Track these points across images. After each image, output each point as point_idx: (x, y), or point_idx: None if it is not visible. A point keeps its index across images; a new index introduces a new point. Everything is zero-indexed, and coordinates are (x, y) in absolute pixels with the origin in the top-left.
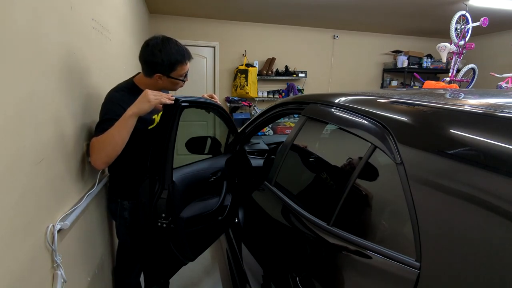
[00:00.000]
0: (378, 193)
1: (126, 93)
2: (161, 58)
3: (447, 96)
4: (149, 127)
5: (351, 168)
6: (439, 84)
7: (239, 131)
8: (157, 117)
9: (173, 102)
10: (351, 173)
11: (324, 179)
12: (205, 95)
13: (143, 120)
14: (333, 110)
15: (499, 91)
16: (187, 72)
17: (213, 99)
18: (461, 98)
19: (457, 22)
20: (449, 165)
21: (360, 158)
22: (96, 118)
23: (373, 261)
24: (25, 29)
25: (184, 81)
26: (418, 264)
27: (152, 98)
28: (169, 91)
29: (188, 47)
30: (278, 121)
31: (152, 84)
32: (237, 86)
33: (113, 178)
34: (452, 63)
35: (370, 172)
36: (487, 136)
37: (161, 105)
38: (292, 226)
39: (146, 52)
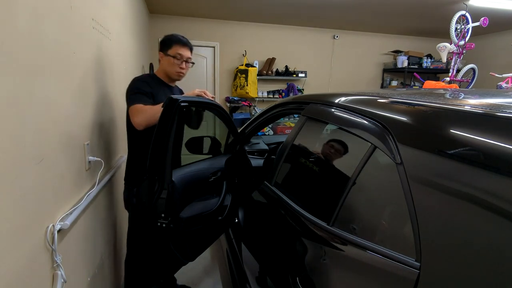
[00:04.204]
0: (378, 193)
1: (148, 77)
2: (164, 38)
3: (447, 96)
4: None
5: (351, 168)
6: (439, 84)
7: (239, 131)
8: None
9: (213, 97)
10: (351, 173)
11: (324, 179)
12: (196, 91)
13: (157, 102)
14: (333, 110)
15: (499, 91)
16: (187, 60)
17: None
18: (461, 98)
19: (457, 22)
20: (449, 165)
21: (360, 158)
22: (96, 118)
23: (373, 261)
24: (25, 29)
25: (181, 63)
26: (418, 264)
27: (197, 90)
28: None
29: None
30: (278, 121)
31: (160, 68)
32: (237, 86)
33: (129, 165)
34: (452, 63)
35: (370, 172)
36: (487, 136)
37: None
38: (292, 226)
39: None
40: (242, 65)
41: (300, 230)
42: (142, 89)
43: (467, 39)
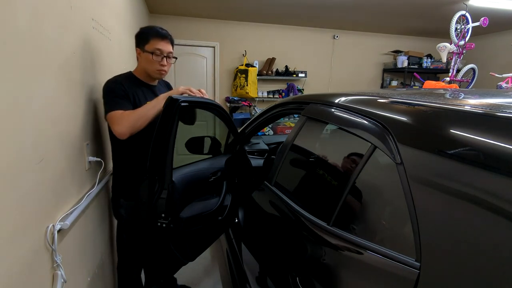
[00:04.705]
0: (378, 193)
1: (121, 77)
2: (140, 31)
3: (447, 96)
4: None
5: (351, 168)
6: (439, 84)
7: (239, 131)
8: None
9: (198, 93)
10: (351, 173)
11: (324, 179)
12: (181, 89)
13: (136, 105)
14: (333, 110)
15: (499, 91)
16: (168, 56)
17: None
18: (461, 98)
19: (457, 22)
20: (449, 165)
21: (360, 158)
22: (96, 118)
23: (373, 261)
24: (25, 29)
25: (162, 60)
26: (418, 264)
27: (182, 87)
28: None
29: (188, 47)
30: (278, 121)
31: (139, 66)
32: (237, 86)
33: (114, 176)
34: (452, 63)
35: (370, 172)
36: (487, 136)
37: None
38: (292, 226)
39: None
40: (242, 65)
41: (300, 230)
42: (118, 92)
43: (467, 39)
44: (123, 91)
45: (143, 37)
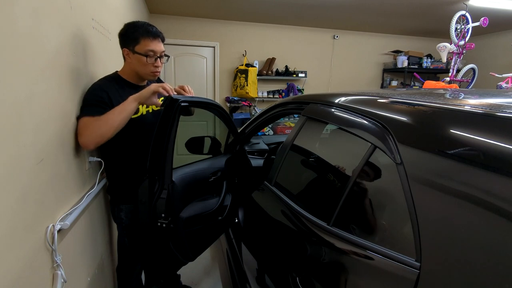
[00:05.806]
0: (378, 193)
1: (107, 81)
2: (127, 30)
3: (447, 96)
4: (132, 116)
5: (351, 168)
6: (439, 84)
7: (239, 131)
8: (141, 108)
9: (172, 91)
10: (351, 173)
11: (324, 179)
12: (153, 87)
13: None
14: (333, 110)
15: (499, 91)
16: (161, 55)
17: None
18: (461, 98)
19: (457, 22)
20: (449, 165)
21: (360, 158)
22: None
23: (373, 261)
24: (25, 29)
25: (155, 61)
26: (418, 264)
27: (154, 86)
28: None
29: (188, 47)
30: (278, 121)
31: (127, 66)
32: (237, 86)
33: (109, 182)
34: (452, 63)
35: (370, 172)
36: (487, 136)
37: (159, 98)
38: (292, 226)
39: (121, 29)
40: (242, 65)
41: (300, 230)
42: (93, 97)
43: (467, 39)
44: (100, 97)
45: (132, 37)
